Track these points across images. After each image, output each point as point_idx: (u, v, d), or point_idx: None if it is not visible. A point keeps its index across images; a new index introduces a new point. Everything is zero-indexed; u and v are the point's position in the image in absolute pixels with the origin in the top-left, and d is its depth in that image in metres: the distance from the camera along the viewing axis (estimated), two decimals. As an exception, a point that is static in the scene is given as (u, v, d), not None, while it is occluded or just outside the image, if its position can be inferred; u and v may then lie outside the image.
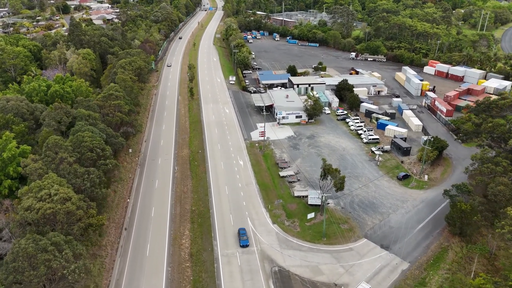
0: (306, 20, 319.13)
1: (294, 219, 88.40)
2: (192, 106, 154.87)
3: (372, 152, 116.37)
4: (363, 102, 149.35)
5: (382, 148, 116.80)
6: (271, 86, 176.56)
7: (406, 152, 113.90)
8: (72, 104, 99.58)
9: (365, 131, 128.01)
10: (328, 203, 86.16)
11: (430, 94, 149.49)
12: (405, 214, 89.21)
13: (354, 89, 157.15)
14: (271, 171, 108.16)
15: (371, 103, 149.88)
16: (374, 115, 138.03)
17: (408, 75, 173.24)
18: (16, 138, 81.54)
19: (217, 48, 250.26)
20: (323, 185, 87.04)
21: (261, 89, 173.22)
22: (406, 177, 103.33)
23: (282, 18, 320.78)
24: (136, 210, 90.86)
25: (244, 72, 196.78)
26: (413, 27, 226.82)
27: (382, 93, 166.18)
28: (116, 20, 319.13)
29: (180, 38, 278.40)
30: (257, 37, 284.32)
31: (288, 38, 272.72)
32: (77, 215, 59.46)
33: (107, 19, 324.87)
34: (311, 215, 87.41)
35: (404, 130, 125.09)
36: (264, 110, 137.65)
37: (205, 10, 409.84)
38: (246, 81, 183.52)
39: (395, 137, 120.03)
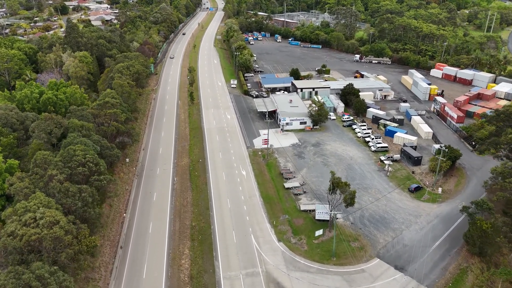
0: (308, 21, 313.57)
1: (301, 235, 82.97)
2: (192, 112, 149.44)
3: (381, 161, 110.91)
4: (369, 107, 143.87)
5: (391, 157, 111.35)
6: (273, 90, 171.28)
7: (417, 161, 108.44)
8: (65, 113, 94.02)
9: (373, 139, 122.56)
10: (337, 218, 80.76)
11: (439, 99, 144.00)
12: (419, 231, 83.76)
13: (359, 93, 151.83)
14: (276, 182, 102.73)
15: (378, 109, 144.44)
16: (381, 121, 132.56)
17: (415, 79, 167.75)
18: (4, 152, 76.26)
19: (218, 50, 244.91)
20: (332, 200, 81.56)
21: (264, 93, 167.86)
22: (418, 189, 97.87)
23: (283, 19, 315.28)
24: (132, 226, 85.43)
25: (245, 75, 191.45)
26: (418, 29, 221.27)
27: (389, 98, 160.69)
28: (115, 21, 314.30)
29: (183, 34, 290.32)
30: (259, 38, 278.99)
31: (290, 39, 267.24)
32: (65, 241, 54.10)
33: (106, 20, 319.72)
34: (319, 232, 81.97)
35: (414, 138, 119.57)
36: (267, 117, 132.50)
37: (207, 8, 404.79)
38: (248, 84, 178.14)
39: (404, 145, 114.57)
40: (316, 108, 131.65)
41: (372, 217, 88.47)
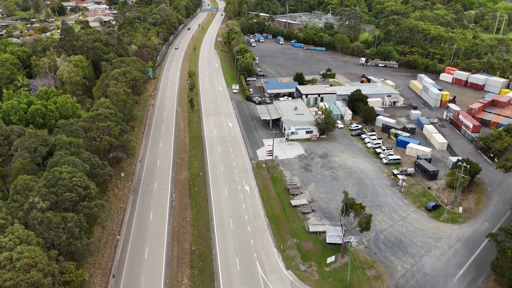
0: (310, 22, 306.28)
1: (311, 262, 75.75)
2: (192, 119, 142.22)
3: (394, 175, 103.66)
4: (379, 115, 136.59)
5: (405, 171, 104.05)
6: (277, 96, 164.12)
7: (433, 176, 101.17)
8: (55, 126, 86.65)
9: (384, 150, 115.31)
10: (350, 241, 73.61)
11: (453, 106, 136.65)
12: (440, 257, 76.52)
13: (367, 99, 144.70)
14: (282, 199, 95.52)
15: (388, 116, 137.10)
16: (392, 130, 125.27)
17: (425, 84, 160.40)
18: (-16, 171, 69.39)
19: (219, 53, 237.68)
20: (345, 223, 74.35)
21: (267, 99, 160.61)
22: (436, 207, 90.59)
23: (286, 20, 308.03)
24: (127, 250, 78.23)
25: (247, 79, 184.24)
26: (426, 31, 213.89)
27: (398, 104, 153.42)
28: (113, 22, 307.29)
29: (188, 29, 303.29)
30: (260, 40, 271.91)
31: (293, 41, 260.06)
32: (44, 285, 47.08)
33: (104, 21, 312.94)
34: (331, 259, 74.81)
35: (428, 150, 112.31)
36: (272, 127, 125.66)
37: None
38: (250, 89, 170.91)
39: (419, 158, 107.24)
40: (323, 116, 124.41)
41: (388, 240, 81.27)
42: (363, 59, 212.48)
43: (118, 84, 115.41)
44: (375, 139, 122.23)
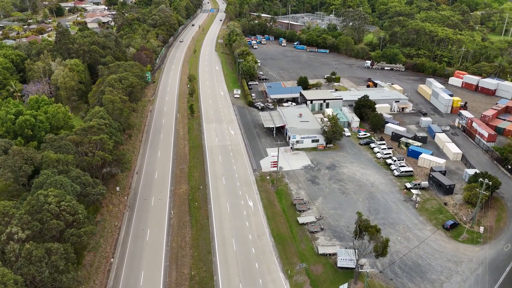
0: (313, 23, 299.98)
1: (321, 289, 69.55)
2: (192, 126, 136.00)
3: (407, 189, 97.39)
4: (387, 122, 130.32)
5: (419, 184, 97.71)
6: (280, 101, 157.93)
7: (449, 190, 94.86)
8: (44, 139, 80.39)
9: (395, 161, 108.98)
10: (366, 271, 67.48)
11: (465, 113, 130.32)
12: (462, 283, 70.27)
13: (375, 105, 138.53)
14: (288, 215, 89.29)
15: (397, 124, 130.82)
16: (403, 139, 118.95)
17: (434, 89, 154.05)
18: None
19: (220, 55, 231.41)
20: (358, 247, 68.16)
21: (270, 104, 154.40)
22: (454, 226, 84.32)
23: (288, 21, 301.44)
24: (120, 276, 72.00)
25: (249, 83, 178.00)
26: (433, 33, 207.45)
27: (407, 110, 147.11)
28: (112, 23, 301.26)
29: (193, 25, 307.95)
30: (262, 42, 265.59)
31: (295, 43, 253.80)
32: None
33: (103, 22, 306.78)
34: (343, 287, 68.54)
35: (442, 161, 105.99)
36: (274, 133, 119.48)
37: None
38: (253, 94, 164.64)
39: (433, 170, 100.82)
40: (330, 124, 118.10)
41: (404, 263, 75.00)
42: (368, 62, 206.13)
43: (114, 91, 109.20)
44: (385, 148, 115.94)
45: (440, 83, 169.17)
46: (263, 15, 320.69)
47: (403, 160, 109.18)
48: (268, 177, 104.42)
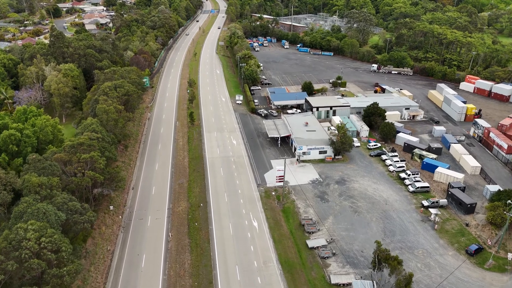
0: (316, 24, 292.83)
1: (336, 327, 62.40)
2: (192, 135, 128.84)
3: (425, 208, 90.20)
4: (399, 131, 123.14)
5: (437, 202, 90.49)
6: (284, 107, 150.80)
7: (470, 209, 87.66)
8: (27, 156, 73.22)
9: (409, 175, 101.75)
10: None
11: (481, 122, 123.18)
12: (493, 321, 63.18)
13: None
14: (296, 238, 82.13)
15: (410, 134, 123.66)
16: (416, 151, 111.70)
17: (447, 95, 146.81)
18: None
19: (221, 58, 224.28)
20: (378, 280, 61.01)
21: (273, 111, 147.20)
22: (479, 251, 77.15)
23: (290, 23, 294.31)
24: (112, 311, 64.96)
25: (252, 88, 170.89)
26: (442, 35, 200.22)
27: (418, 118, 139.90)
28: (110, 25, 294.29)
29: (197, 21, 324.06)
30: (264, 44, 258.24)
31: (298, 46, 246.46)
32: None
33: (101, 24, 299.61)
34: (361, 326, 61.45)
35: (460, 176, 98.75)
36: (279, 143, 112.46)
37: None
38: (255, 100, 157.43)
39: (451, 186, 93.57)
40: (338, 134, 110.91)
41: (426, 295, 67.87)
42: (375, 66, 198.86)
43: (109, 100, 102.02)
44: (398, 161, 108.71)
45: (451, 88, 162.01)
46: (265, 16, 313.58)
47: (418, 174, 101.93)
48: (273, 193, 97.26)
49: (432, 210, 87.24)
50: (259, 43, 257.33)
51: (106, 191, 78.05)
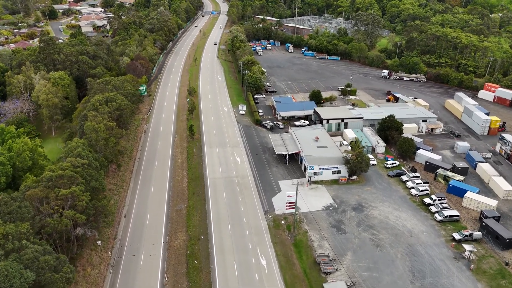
0: (321, 26, 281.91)
1: None
2: (191, 151, 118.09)
3: (456, 241, 79.34)
4: (419, 148, 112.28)
5: (470, 235, 79.62)
6: (291, 118, 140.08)
7: (509, 244, 76.82)
8: (4, 186, 62.77)
9: (435, 200, 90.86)
10: None
11: (509, 137, 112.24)
12: None
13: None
14: (311, 280, 71.31)
15: (431, 150, 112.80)
16: (440, 171, 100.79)
17: (467, 106, 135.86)
18: None
19: (222, 63, 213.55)
20: None
21: (279, 123, 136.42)
22: (525, 299, 66.41)
23: (294, 25, 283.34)
24: None
25: (255, 96, 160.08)
26: (456, 40, 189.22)
27: (437, 131, 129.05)
28: (107, 27, 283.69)
29: (203, 15, 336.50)
30: (267, 47, 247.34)
31: (303, 49, 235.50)
32: None
33: (98, 26, 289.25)
34: None
35: (494, 203, 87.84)
36: (287, 161, 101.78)
37: (209, 12, 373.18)
38: (260, 110, 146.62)
39: (485, 216, 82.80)
40: (354, 153, 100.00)
41: None
42: (385, 72, 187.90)
43: (99, 116, 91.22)
44: (421, 183, 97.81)
45: (469, 96, 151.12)
46: (267, 18, 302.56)
47: (444, 199, 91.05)
48: (283, 222, 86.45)
49: (467, 247, 76.19)
50: (262, 46, 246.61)
51: (89, 233, 67.15)
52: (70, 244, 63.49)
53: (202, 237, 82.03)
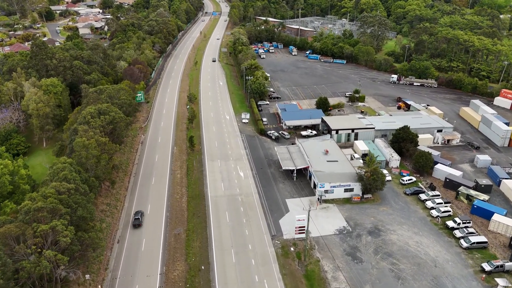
0: (325, 28, 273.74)
1: None
2: (191, 165, 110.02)
3: (485, 273, 71.21)
4: (437, 162, 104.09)
5: (501, 267, 71.47)
6: (297, 127, 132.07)
7: (546, 278, 68.74)
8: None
9: (459, 224, 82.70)
10: None
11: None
12: None
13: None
14: (325, 320, 63.20)
15: (449, 165, 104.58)
16: (462, 190, 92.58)
17: (485, 115, 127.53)
18: None
19: (223, 67, 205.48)
20: None
21: (285, 133, 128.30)
22: None
23: (297, 27, 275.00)
24: None
25: (259, 103, 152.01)
26: (469, 43, 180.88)
27: (453, 142, 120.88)
28: (105, 29, 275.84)
29: (206, 13, 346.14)
30: (270, 50, 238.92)
31: (307, 52, 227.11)
32: None
33: (96, 28, 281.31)
34: None
35: (525, 227, 79.80)
36: (295, 176, 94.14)
37: (209, 13, 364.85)
38: (264, 119, 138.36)
39: (516, 243, 74.79)
40: (369, 169, 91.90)
41: None
42: (394, 76, 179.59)
43: (90, 131, 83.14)
44: (442, 203, 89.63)
45: (484, 103, 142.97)
46: (270, 19, 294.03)
47: (470, 222, 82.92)
48: (292, 249, 78.38)
49: (500, 281, 68.05)
50: (265, 49, 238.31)
51: (73, 275, 58.94)
52: (53, 284, 55.53)
53: (203, 267, 73.96)
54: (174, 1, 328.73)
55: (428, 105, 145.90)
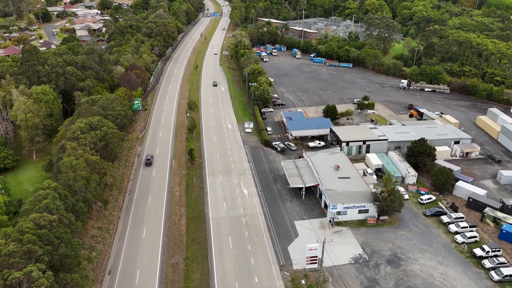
0: (329, 29, 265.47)
1: None
2: (191, 181, 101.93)
3: (524, 314, 63.23)
4: (458, 179, 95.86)
5: (541, 306, 63.53)
6: (303, 137, 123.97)
7: None
8: None
9: (487, 252, 74.56)
10: None
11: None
12: None
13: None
14: None
15: (471, 182, 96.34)
16: (488, 212, 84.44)
17: (505, 126, 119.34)
18: None
19: (225, 71, 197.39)
20: None
21: (291, 144, 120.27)
22: None
23: (301, 28, 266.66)
24: None
25: (262, 110, 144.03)
26: (482, 46, 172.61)
27: (473, 155, 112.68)
28: (103, 30, 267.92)
29: (208, 11, 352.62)
30: (273, 53, 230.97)
31: (312, 55, 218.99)
32: None
33: (93, 29, 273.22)
34: None
35: None
36: (303, 194, 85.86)
37: (209, 16, 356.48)
38: (268, 128, 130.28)
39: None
40: (386, 190, 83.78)
41: None
42: (404, 82, 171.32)
43: (79, 149, 75.09)
44: (467, 227, 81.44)
45: (501, 110, 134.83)
46: (272, 21, 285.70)
47: (499, 251, 74.79)
48: (303, 282, 70.26)
49: (543, 326, 60.15)
50: (268, 52, 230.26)
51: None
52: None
53: (204, 305, 65.98)
54: (174, 2, 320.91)
55: (442, 113, 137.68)
